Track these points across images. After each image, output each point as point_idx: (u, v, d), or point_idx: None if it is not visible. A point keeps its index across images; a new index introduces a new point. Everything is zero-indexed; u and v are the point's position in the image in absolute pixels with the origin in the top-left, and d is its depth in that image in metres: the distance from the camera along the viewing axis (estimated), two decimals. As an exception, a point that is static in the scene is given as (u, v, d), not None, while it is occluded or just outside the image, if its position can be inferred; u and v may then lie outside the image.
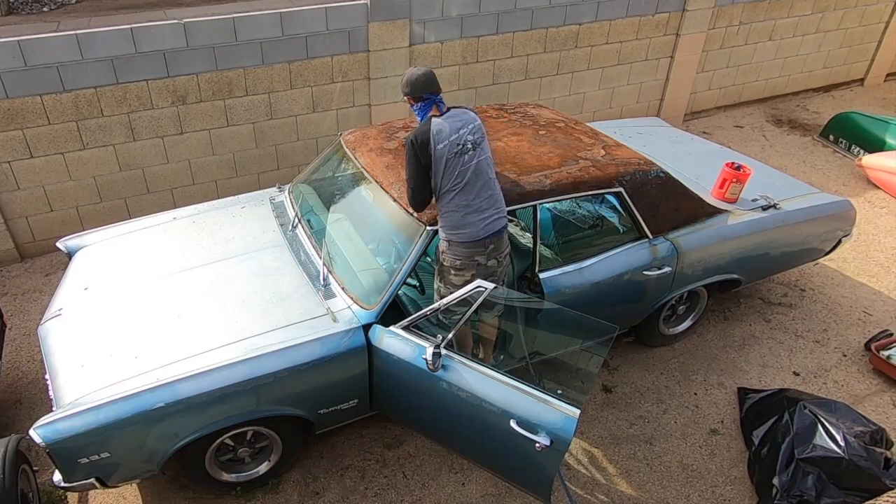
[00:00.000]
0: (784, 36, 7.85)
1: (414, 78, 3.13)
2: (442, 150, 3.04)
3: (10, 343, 4.35)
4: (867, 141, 6.88)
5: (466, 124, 3.13)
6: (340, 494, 3.46)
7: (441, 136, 3.04)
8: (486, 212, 3.14)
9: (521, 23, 6.10)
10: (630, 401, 4.05)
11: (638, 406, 4.01)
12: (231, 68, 5.11)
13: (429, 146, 3.03)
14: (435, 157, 3.04)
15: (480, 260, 3.19)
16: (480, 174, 3.13)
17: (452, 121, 3.10)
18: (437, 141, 3.04)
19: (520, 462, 2.93)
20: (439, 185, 3.09)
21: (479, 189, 3.12)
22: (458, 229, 3.13)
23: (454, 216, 3.11)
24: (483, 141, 3.19)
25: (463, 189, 3.09)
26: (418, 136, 3.04)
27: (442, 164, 3.05)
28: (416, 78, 3.13)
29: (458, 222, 3.12)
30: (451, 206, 3.10)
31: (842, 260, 5.36)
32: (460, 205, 3.10)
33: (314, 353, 3.02)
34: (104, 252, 3.80)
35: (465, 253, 3.17)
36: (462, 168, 3.08)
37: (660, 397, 4.08)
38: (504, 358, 3.59)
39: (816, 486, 3.27)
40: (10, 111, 4.59)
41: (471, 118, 3.17)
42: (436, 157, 3.04)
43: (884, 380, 4.24)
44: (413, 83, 3.13)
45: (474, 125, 3.15)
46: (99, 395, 2.84)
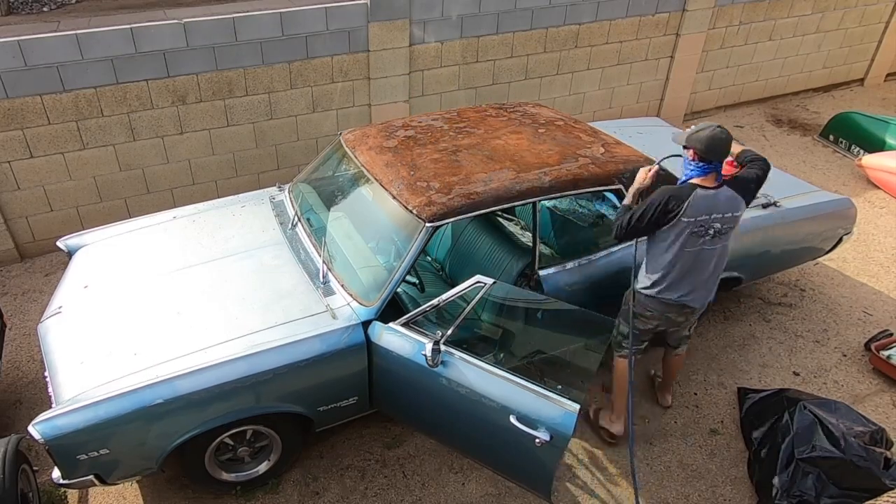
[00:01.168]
0: (784, 36, 7.85)
1: (717, 140, 3.00)
2: (685, 224, 3.06)
3: (9, 343, 4.35)
4: (867, 141, 6.88)
5: (725, 212, 3.11)
6: (340, 494, 3.45)
7: (692, 212, 3.04)
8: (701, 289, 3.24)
9: (521, 23, 6.11)
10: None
11: (638, 406, 4.00)
12: (231, 68, 5.12)
13: (678, 210, 3.03)
14: (674, 223, 3.07)
15: (673, 317, 3.33)
16: (701, 255, 3.16)
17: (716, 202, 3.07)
18: (687, 214, 3.04)
19: (520, 458, 2.93)
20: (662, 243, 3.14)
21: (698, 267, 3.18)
22: (659, 288, 3.22)
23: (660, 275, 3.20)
24: (728, 233, 3.18)
25: (679, 259, 3.14)
26: (675, 195, 3.04)
27: (675, 232, 3.09)
28: (720, 141, 3.01)
29: (661, 282, 3.21)
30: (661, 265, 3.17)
31: (842, 260, 5.36)
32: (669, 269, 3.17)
33: (314, 349, 3.02)
34: (104, 251, 3.80)
35: (660, 309, 3.30)
36: (691, 249, 3.12)
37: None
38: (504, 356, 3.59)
39: (816, 486, 3.27)
40: (10, 111, 4.59)
41: (733, 206, 3.12)
42: (675, 224, 3.07)
43: (884, 380, 4.23)
44: (713, 145, 3.01)
45: (730, 215, 3.13)
46: (98, 391, 2.84)
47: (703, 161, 3.06)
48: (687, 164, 3.15)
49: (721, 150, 3.04)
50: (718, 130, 3.03)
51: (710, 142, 3.01)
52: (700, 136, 3.03)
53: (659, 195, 3.08)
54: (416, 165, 3.48)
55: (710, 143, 3.01)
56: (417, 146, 3.67)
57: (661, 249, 3.19)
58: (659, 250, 3.19)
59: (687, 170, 3.16)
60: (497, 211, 3.38)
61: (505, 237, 3.87)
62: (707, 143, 3.01)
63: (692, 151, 3.09)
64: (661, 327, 3.44)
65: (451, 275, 4.13)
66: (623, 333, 3.51)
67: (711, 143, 3.01)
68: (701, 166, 3.08)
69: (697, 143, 3.04)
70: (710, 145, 3.01)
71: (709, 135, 3.01)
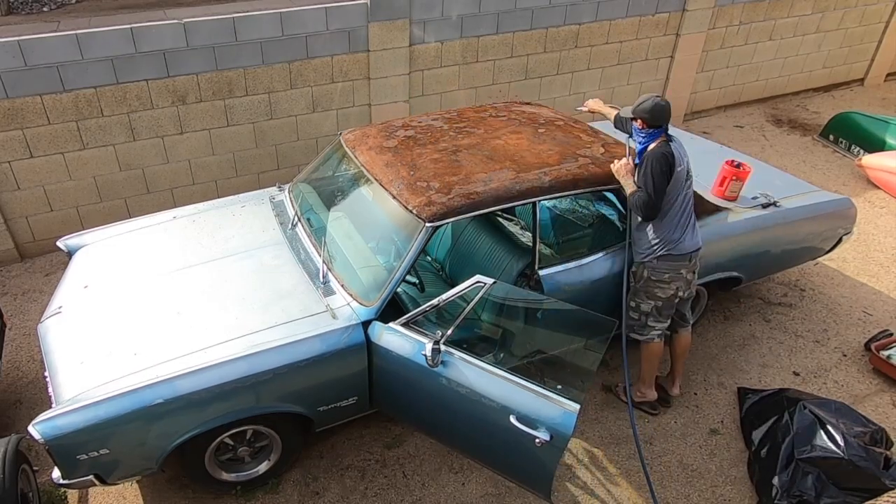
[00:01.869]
0: (784, 36, 7.85)
1: (657, 107, 3.35)
2: (679, 173, 3.40)
3: (9, 343, 4.35)
4: (867, 141, 6.88)
5: (686, 154, 3.48)
6: (340, 494, 3.45)
7: (679, 160, 3.40)
8: (693, 229, 3.54)
9: (521, 23, 6.11)
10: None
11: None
12: (231, 68, 5.12)
13: (673, 166, 3.37)
14: (674, 177, 3.38)
15: (684, 273, 3.56)
16: (689, 199, 3.49)
17: (682, 148, 3.46)
18: (678, 164, 3.39)
19: (520, 458, 2.93)
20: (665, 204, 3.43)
21: (689, 211, 3.50)
22: (672, 243, 3.48)
23: (669, 231, 3.47)
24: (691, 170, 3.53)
25: (680, 209, 3.45)
26: (669, 156, 3.35)
27: (674, 185, 3.40)
28: (660, 108, 3.36)
29: (671, 237, 3.47)
30: (668, 221, 3.45)
31: (842, 260, 5.36)
32: (674, 222, 3.46)
33: (314, 349, 3.02)
34: (104, 251, 3.80)
35: (673, 266, 3.52)
36: (684, 192, 3.45)
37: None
38: (504, 356, 3.59)
39: (816, 485, 3.27)
40: (10, 111, 4.60)
41: (685, 150, 3.51)
42: (675, 177, 3.38)
43: (884, 380, 4.23)
44: (654, 111, 3.36)
45: (688, 158, 3.50)
46: (98, 391, 2.84)
47: (652, 127, 3.41)
48: (638, 134, 3.48)
49: (664, 116, 3.39)
50: (658, 99, 3.39)
51: (654, 109, 3.36)
52: (645, 107, 3.37)
53: (656, 160, 3.35)
54: (416, 165, 3.48)
55: (654, 110, 3.36)
56: (417, 146, 3.67)
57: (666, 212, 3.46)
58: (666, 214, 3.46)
59: (640, 139, 3.49)
60: (497, 211, 3.38)
61: (505, 237, 3.87)
62: (652, 112, 3.36)
63: (640, 122, 3.42)
64: (680, 291, 3.59)
65: (451, 275, 4.13)
66: (645, 312, 3.67)
67: (655, 110, 3.36)
68: (651, 132, 3.42)
69: (643, 114, 3.38)
70: (655, 112, 3.36)
71: (651, 104, 3.36)
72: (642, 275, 3.59)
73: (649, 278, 3.56)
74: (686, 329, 3.89)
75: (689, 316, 3.87)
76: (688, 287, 3.63)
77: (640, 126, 3.42)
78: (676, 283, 3.55)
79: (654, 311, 3.63)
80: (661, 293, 3.58)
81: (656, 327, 3.68)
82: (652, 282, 3.56)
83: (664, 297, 3.59)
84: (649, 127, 3.40)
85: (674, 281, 3.55)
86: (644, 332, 3.71)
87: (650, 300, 3.61)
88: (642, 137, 3.45)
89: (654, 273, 3.54)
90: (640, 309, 3.66)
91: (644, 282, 3.59)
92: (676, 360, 3.98)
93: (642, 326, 3.70)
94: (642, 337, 3.73)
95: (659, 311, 3.63)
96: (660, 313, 3.64)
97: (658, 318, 3.66)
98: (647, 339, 3.73)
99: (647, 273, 3.56)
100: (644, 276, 3.58)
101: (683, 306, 3.79)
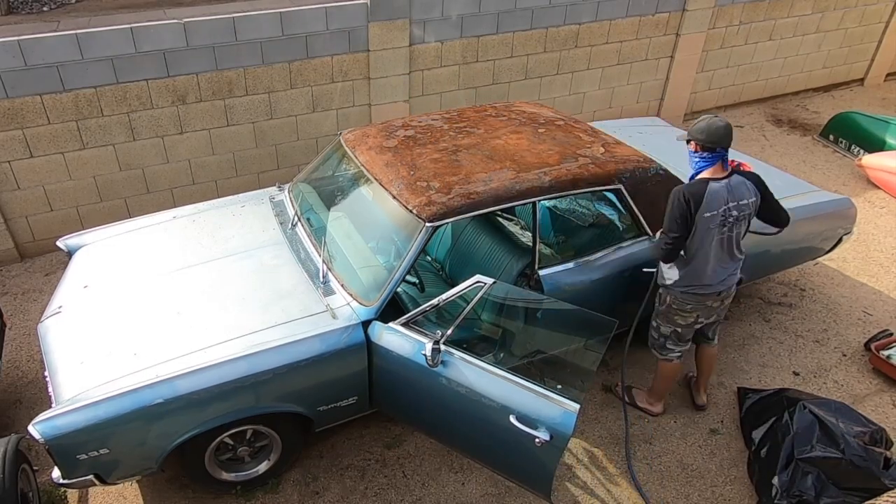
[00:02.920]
0: (784, 36, 7.85)
1: (714, 127, 3.10)
2: (707, 219, 3.13)
3: (9, 343, 4.35)
4: (867, 141, 6.88)
5: (740, 199, 3.17)
6: (340, 494, 3.45)
7: (712, 206, 3.11)
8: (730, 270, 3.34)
9: (521, 23, 6.11)
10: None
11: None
12: (231, 68, 5.12)
13: (697, 209, 3.11)
14: (698, 221, 3.14)
15: (710, 304, 3.41)
16: (728, 242, 3.25)
17: (736, 189, 3.15)
18: (707, 209, 3.11)
19: (520, 458, 2.93)
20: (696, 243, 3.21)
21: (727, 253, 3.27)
22: (698, 282, 3.31)
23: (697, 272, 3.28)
24: (748, 218, 3.26)
25: (713, 252, 3.23)
26: (691, 195, 3.10)
27: (701, 229, 3.16)
28: (718, 128, 3.09)
29: (698, 278, 3.30)
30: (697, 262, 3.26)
31: (842, 260, 5.35)
32: (705, 264, 3.25)
33: (313, 349, 3.02)
34: (104, 250, 3.80)
35: (698, 299, 3.38)
36: (716, 238, 3.20)
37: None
38: (504, 355, 3.59)
39: (816, 485, 3.27)
40: (10, 111, 4.60)
41: (748, 193, 3.19)
42: (699, 222, 3.14)
43: (884, 380, 4.23)
44: (711, 132, 3.09)
45: (747, 202, 3.20)
46: (98, 391, 2.84)
47: (706, 150, 3.14)
48: (692, 158, 3.24)
49: (720, 135, 3.10)
50: (716, 118, 3.14)
51: (709, 129, 3.10)
52: (699, 127, 3.14)
53: (675, 198, 3.15)
54: (416, 165, 3.48)
55: (709, 129, 3.10)
56: (417, 146, 3.67)
57: (689, 244, 3.26)
58: (688, 245, 3.27)
59: (693, 164, 3.24)
60: (497, 211, 3.38)
61: (505, 237, 3.87)
62: (706, 131, 3.11)
63: (693, 144, 3.18)
64: (700, 318, 3.49)
65: (451, 275, 4.13)
66: (665, 334, 3.58)
67: (709, 130, 3.10)
68: (705, 157, 3.16)
69: (697, 134, 3.14)
70: (709, 132, 3.10)
71: (706, 123, 3.13)
72: (665, 299, 3.50)
73: (671, 305, 3.47)
74: (710, 345, 3.78)
75: (711, 335, 3.74)
76: (711, 314, 3.50)
77: (694, 149, 3.19)
78: (698, 312, 3.45)
79: (674, 335, 3.57)
80: (682, 321, 3.49)
81: (675, 350, 3.63)
82: (673, 309, 3.47)
83: (684, 325, 3.51)
84: (703, 150, 3.14)
85: (696, 311, 3.45)
86: (663, 352, 3.66)
87: (669, 325, 3.54)
88: (695, 162, 3.22)
89: (677, 302, 3.44)
90: (661, 331, 3.60)
91: (666, 307, 3.50)
92: (701, 373, 3.93)
93: (661, 347, 3.65)
94: (661, 356, 3.69)
95: (678, 335, 3.57)
96: (679, 338, 3.58)
97: (677, 342, 3.59)
98: (664, 359, 3.68)
99: (671, 300, 3.46)
100: (667, 302, 3.49)
101: (707, 329, 3.70)
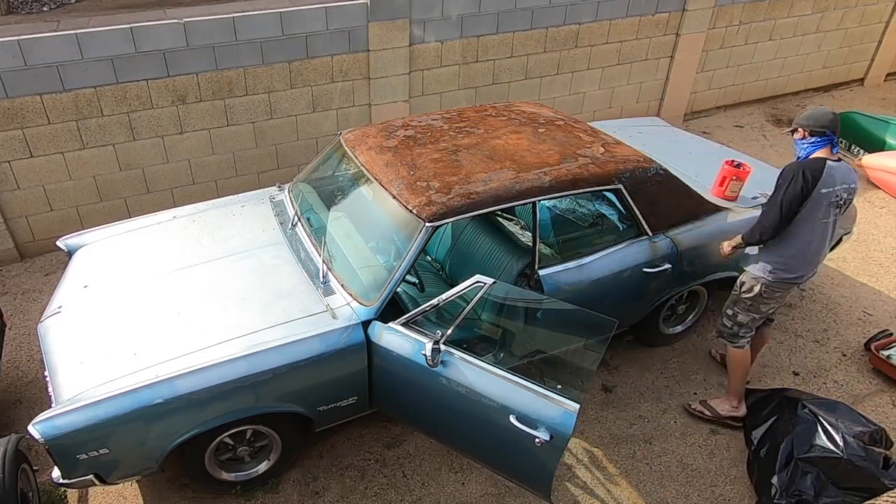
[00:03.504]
0: (784, 36, 7.85)
1: (821, 113, 3.19)
2: (824, 195, 3.17)
3: (9, 342, 4.35)
4: (867, 141, 6.88)
5: (850, 182, 3.25)
6: (340, 494, 3.45)
7: (829, 182, 3.16)
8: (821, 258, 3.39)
9: (521, 23, 6.11)
10: (630, 400, 4.05)
11: (638, 406, 4.01)
12: (231, 68, 5.12)
13: (816, 184, 3.14)
14: (814, 196, 3.16)
15: (792, 290, 3.47)
16: (829, 228, 3.29)
17: (841, 172, 3.22)
18: (825, 185, 3.15)
19: (520, 458, 2.93)
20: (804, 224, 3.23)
21: (825, 240, 3.32)
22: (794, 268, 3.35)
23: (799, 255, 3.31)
24: (848, 204, 3.31)
25: (818, 234, 3.27)
26: (811, 170, 3.13)
27: (814, 206, 3.18)
28: (825, 114, 3.18)
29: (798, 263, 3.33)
30: (801, 245, 3.28)
31: (842, 260, 5.36)
32: (807, 247, 3.29)
33: (313, 349, 3.02)
34: (104, 250, 3.80)
35: (787, 287, 3.42)
36: (827, 219, 3.24)
37: (659, 397, 4.08)
38: (504, 355, 3.59)
39: (815, 485, 3.27)
40: (10, 111, 4.59)
41: (853, 178, 3.28)
42: (815, 197, 3.16)
43: (884, 380, 4.23)
44: (818, 117, 3.18)
45: (852, 186, 3.27)
46: (98, 391, 2.84)
47: (815, 135, 3.21)
48: (801, 146, 3.29)
49: (829, 119, 3.17)
50: (821, 107, 3.24)
51: (814, 115, 3.19)
52: (804, 115, 3.24)
53: (792, 174, 3.17)
54: (415, 165, 3.48)
55: (814, 116, 3.19)
56: (417, 146, 3.67)
57: (795, 227, 3.27)
58: (793, 228, 3.28)
59: (802, 149, 3.28)
60: (497, 211, 3.38)
61: (505, 237, 3.87)
62: (811, 118, 3.19)
63: (801, 131, 3.25)
64: (773, 308, 3.57)
65: (451, 275, 4.13)
66: (742, 323, 3.62)
67: (815, 115, 3.19)
68: (814, 141, 3.22)
69: (804, 121, 3.23)
70: (815, 117, 3.19)
71: (811, 111, 3.22)
72: (752, 288, 3.50)
73: (760, 294, 3.48)
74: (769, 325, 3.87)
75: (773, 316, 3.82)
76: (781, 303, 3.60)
77: (801, 135, 3.26)
78: (782, 299, 3.52)
79: (751, 322, 3.61)
80: (766, 308, 3.55)
81: (746, 336, 3.68)
82: (763, 298, 3.49)
83: (766, 312, 3.57)
84: (811, 135, 3.22)
85: (782, 298, 3.51)
86: (735, 340, 3.69)
87: (751, 313, 3.56)
88: (804, 147, 3.27)
89: (767, 291, 3.46)
90: (737, 319, 3.62)
91: (754, 296, 3.50)
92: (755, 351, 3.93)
93: (734, 335, 3.67)
94: (734, 344, 3.69)
95: (755, 322, 3.62)
96: (755, 324, 3.64)
97: (751, 328, 3.65)
98: (737, 346, 3.70)
99: (761, 289, 3.47)
100: (755, 291, 3.49)
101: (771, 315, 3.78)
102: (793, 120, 3.55)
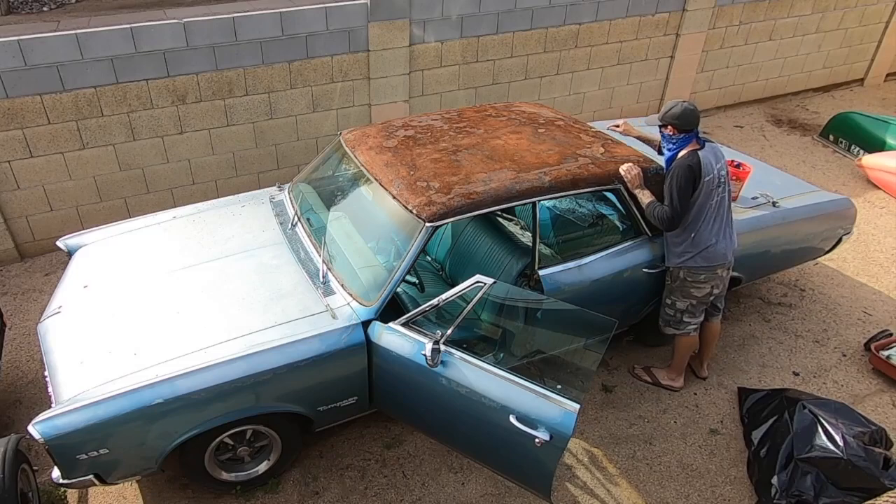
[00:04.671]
0: (784, 36, 7.86)
1: (687, 112, 3.40)
2: (708, 182, 3.43)
3: (9, 342, 4.35)
4: (867, 141, 6.88)
5: (719, 159, 3.51)
6: (340, 494, 3.45)
7: (708, 169, 3.43)
8: (729, 232, 3.60)
9: (521, 23, 6.11)
10: (630, 401, 4.05)
11: (638, 406, 4.01)
12: (231, 68, 5.12)
13: (700, 177, 3.40)
14: (701, 187, 3.42)
15: (720, 272, 3.66)
16: (723, 203, 3.53)
17: (713, 154, 3.48)
18: (706, 173, 3.42)
19: (519, 458, 2.93)
20: (697, 211, 3.48)
21: (723, 215, 3.54)
22: (706, 250, 3.55)
23: (704, 239, 3.53)
24: (727, 176, 3.56)
25: (714, 215, 3.50)
26: (694, 167, 3.39)
27: (704, 195, 3.45)
28: (690, 112, 3.40)
29: (706, 244, 3.54)
30: (702, 230, 3.51)
31: (842, 260, 5.36)
32: (709, 229, 3.52)
33: (313, 349, 3.02)
34: (104, 250, 3.80)
35: (709, 268, 3.61)
36: (717, 198, 3.49)
37: (659, 397, 4.08)
38: (504, 355, 3.59)
39: (815, 485, 3.27)
40: (10, 111, 4.60)
41: (721, 154, 3.55)
42: (702, 187, 3.42)
43: (883, 380, 4.23)
44: (684, 116, 3.40)
45: (724, 161, 3.54)
46: (98, 391, 2.83)
47: (683, 132, 3.44)
48: (668, 141, 3.51)
49: (694, 119, 3.42)
50: (685, 103, 3.42)
51: (684, 114, 3.40)
52: (675, 112, 3.42)
53: (681, 171, 3.40)
54: (415, 165, 3.48)
55: (684, 115, 3.40)
56: (417, 146, 3.67)
57: (692, 213, 3.50)
58: (691, 218, 3.52)
59: (671, 146, 3.51)
60: (497, 211, 3.38)
61: (505, 237, 3.87)
62: (682, 117, 3.40)
63: (670, 128, 3.46)
64: (714, 289, 3.70)
65: (451, 275, 4.13)
66: (681, 309, 3.78)
67: (685, 115, 3.40)
68: (682, 138, 3.46)
69: (673, 119, 3.42)
70: (685, 117, 3.40)
71: (681, 109, 3.41)
72: (678, 275, 3.69)
73: (685, 279, 3.67)
74: (717, 318, 3.99)
75: (720, 306, 3.96)
76: (722, 283, 3.73)
77: (671, 133, 3.47)
78: (712, 282, 3.66)
79: (690, 307, 3.75)
80: (697, 292, 3.69)
81: (691, 322, 3.81)
82: (688, 282, 3.67)
83: (699, 296, 3.70)
84: (680, 132, 3.44)
85: (709, 280, 3.66)
86: (680, 327, 3.85)
87: (686, 298, 3.73)
88: (673, 144, 3.50)
89: (690, 275, 3.64)
90: (676, 307, 3.78)
91: (680, 282, 3.70)
92: (706, 345, 4.12)
93: (678, 322, 3.83)
94: (678, 331, 3.85)
95: (694, 308, 3.76)
96: (695, 309, 3.77)
97: (693, 314, 3.78)
98: (682, 333, 3.84)
99: (684, 274, 3.66)
100: (680, 277, 3.68)
101: (717, 300, 3.90)
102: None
